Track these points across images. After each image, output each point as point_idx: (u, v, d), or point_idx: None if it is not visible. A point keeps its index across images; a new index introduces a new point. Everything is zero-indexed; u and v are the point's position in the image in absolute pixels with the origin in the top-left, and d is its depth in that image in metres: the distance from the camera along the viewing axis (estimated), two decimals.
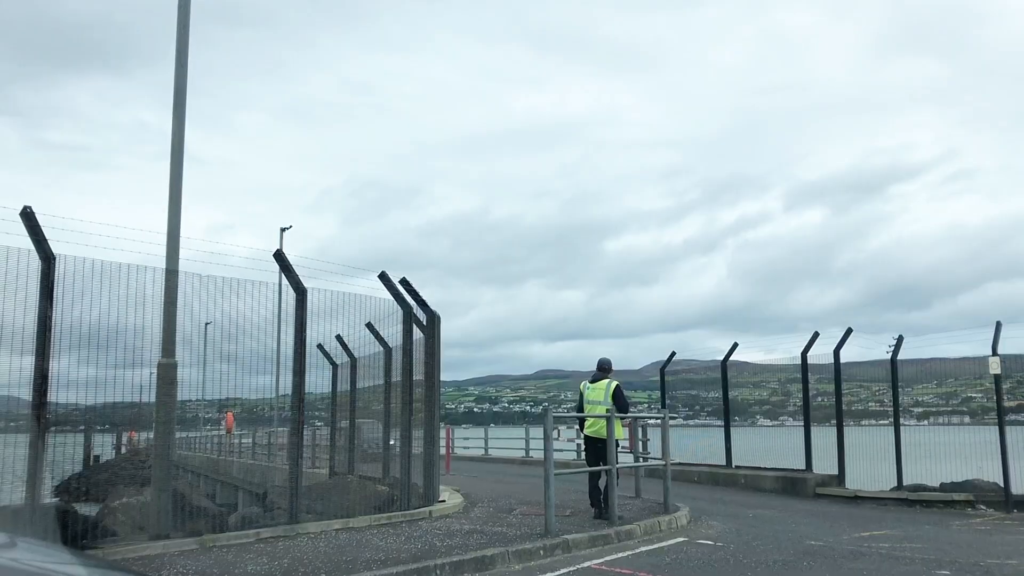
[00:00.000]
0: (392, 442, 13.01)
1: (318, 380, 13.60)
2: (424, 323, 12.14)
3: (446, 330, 13.01)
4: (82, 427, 11.53)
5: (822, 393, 18.10)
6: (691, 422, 21.81)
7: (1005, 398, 14.74)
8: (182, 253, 9.47)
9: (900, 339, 16.80)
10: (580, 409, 11.71)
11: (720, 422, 19.23)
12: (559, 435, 21.77)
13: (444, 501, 12.34)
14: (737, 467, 18.43)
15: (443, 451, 26.07)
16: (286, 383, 11.22)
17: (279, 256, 10.02)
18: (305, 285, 10.13)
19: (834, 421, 16.86)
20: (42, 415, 7.97)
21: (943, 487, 14.87)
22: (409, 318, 11.88)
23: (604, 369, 11.68)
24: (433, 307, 12.25)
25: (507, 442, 30.71)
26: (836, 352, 16.98)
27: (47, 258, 8.15)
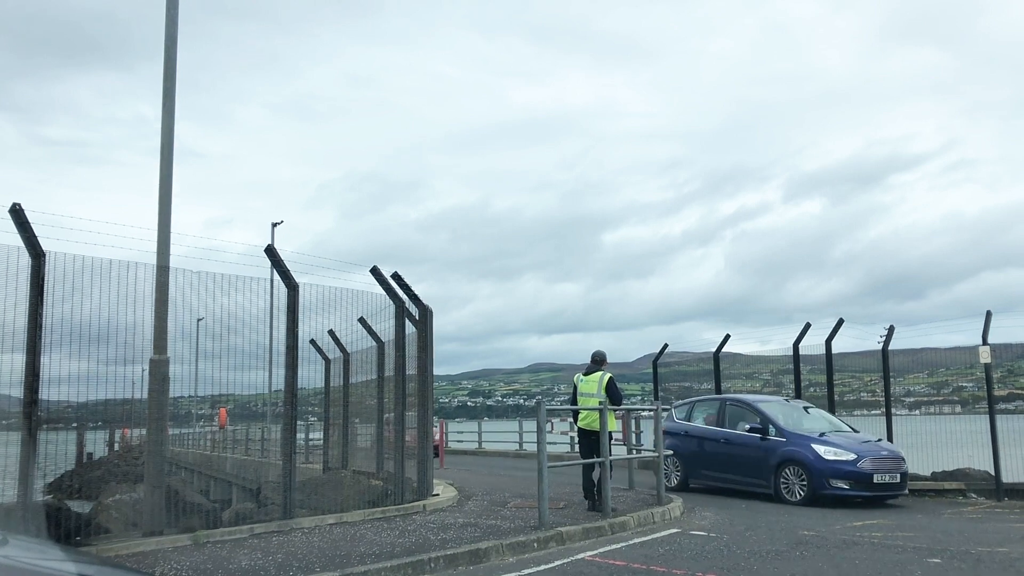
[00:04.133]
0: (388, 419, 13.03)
1: (311, 375, 13.61)
2: (417, 317, 12.14)
3: (442, 324, 13.07)
4: (74, 424, 11.50)
5: (814, 384, 18.16)
6: None
7: (996, 387, 14.83)
8: (177, 249, 9.47)
9: (891, 329, 16.87)
10: (573, 402, 11.73)
11: None
12: (552, 428, 21.76)
13: (438, 495, 12.36)
14: None
15: (436, 445, 26.09)
16: (279, 378, 11.22)
17: (270, 251, 9.99)
18: (299, 280, 10.13)
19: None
20: (34, 412, 7.95)
21: (934, 476, 14.94)
22: (401, 312, 11.88)
23: (598, 361, 11.69)
24: (427, 302, 12.25)
25: (500, 435, 30.77)
26: (828, 343, 17.04)
27: (37, 255, 8.12)
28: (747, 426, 13.80)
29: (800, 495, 12.66)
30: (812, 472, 12.52)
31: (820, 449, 12.71)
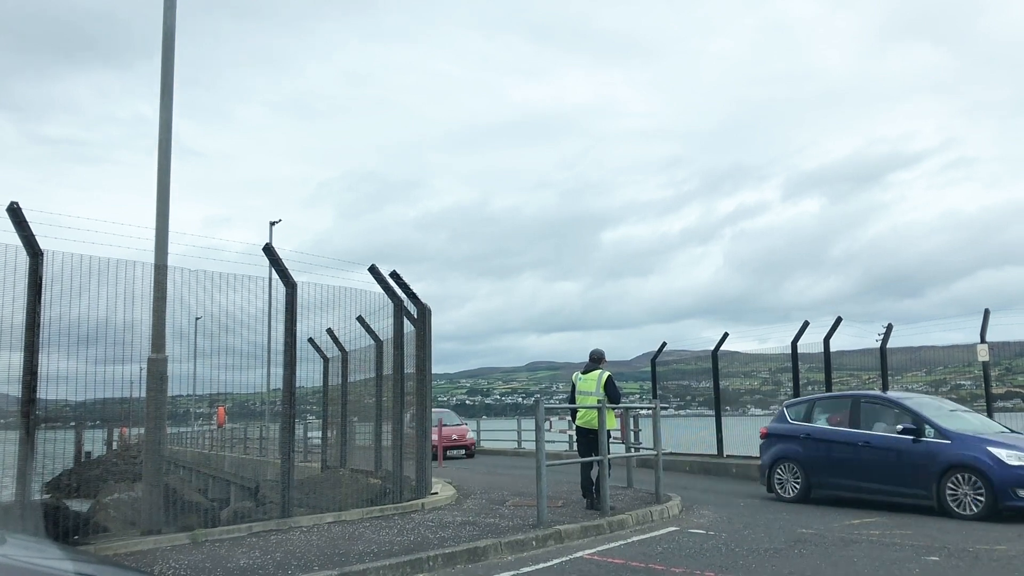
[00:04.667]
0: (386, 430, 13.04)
1: (309, 374, 13.62)
2: (415, 316, 12.14)
3: (440, 323, 13.08)
4: (72, 423, 11.50)
5: (812, 382, 18.19)
6: (682, 412, 21.88)
7: (993, 385, 14.87)
8: (176, 248, 9.50)
9: (889, 327, 16.92)
10: (572, 400, 11.74)
11: (711, 412, 19.31)
12: (551, 426, 21.74)
13: (436, 493, 12.37)
14: (728, 456, 18.49)
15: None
16: (277, 377, 11.21)
17: (268, 250, 9.99)
18: (298, 279, 10.13)
19: None
20: (31, 411, 7.95)
21: None
22: (400, 311, 11.88)
23: (596, 360, 11.70)
24: (425, 300, 12.25)
25: (499, 434, 30.83)
26: (826, 341, 17.07)
27: (35, 254, 8.12)
28: (899, 427, 11.60)
29: (975, 508, 10.58)
30: (992, 481, 10.47)
31: (1001, 453, 10.55)
